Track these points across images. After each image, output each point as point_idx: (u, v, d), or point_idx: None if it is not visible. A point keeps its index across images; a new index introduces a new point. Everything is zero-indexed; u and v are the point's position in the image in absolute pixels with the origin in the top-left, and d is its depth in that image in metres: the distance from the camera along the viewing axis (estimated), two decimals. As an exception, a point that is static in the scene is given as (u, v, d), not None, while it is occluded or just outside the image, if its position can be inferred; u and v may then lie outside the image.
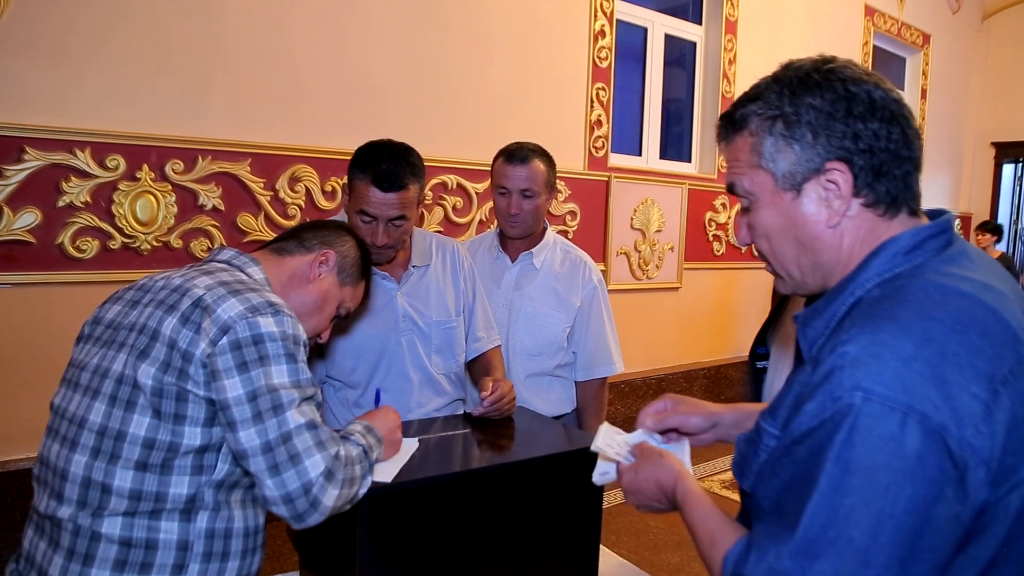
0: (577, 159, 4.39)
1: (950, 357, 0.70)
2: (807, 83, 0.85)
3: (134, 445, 1.07)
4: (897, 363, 0.70)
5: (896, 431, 0.68)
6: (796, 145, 0.84)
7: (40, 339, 2.63)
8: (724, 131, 0.92)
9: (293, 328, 1.13)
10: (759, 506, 0.82)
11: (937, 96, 7.68)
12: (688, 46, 5.30)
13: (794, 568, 0.71)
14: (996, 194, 8.42)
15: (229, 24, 2.99)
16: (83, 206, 2.69)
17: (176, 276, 1.20)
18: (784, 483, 0.76)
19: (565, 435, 1.61)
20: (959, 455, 0.68)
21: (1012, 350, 0.74)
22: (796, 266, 0.90)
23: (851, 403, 0.70)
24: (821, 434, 0.72)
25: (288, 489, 1.05)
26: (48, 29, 2.60)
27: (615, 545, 3.22)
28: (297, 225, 1.44)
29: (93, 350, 1.18)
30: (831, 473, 0.70)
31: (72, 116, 2.66)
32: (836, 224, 0.85)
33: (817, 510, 0.70)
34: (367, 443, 1.19)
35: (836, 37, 6.27)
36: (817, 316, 0.86)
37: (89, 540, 1.07)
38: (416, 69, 3.58)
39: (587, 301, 2.10)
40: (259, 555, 1.21)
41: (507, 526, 1.31)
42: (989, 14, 8.25)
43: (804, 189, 0.85)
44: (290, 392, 1.09)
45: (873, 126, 0.82)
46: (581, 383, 2.16)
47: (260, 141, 3.09)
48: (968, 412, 0.69)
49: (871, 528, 0.68)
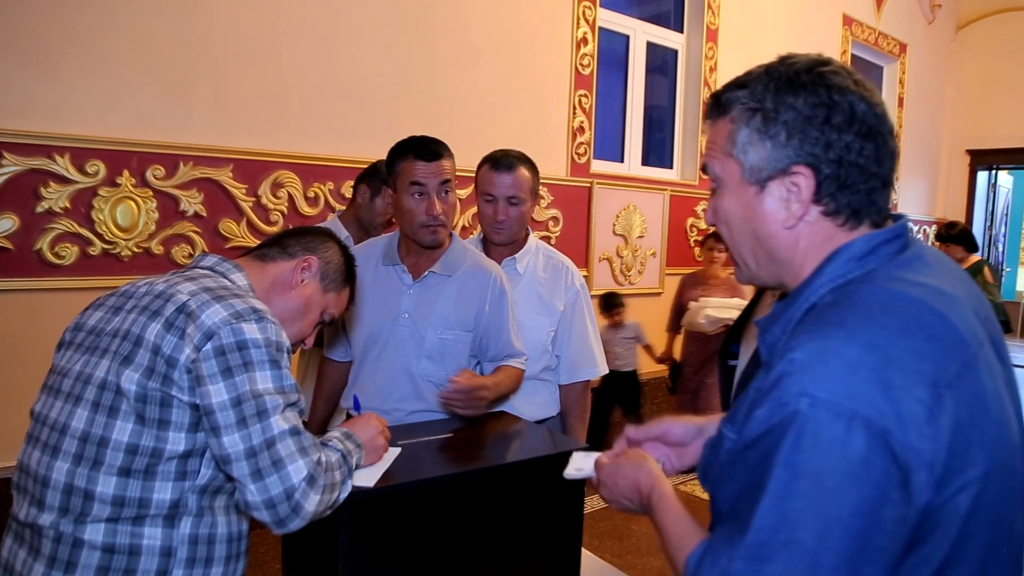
0: (560, 165, 4.41)
1: (895, 362, 0.72)
2: (794, 83, 0.84)
3: (117, 451, 1.06)
4: (843, 369, 0.71)
5: (841, 435, 0.69)
6: (769, 142, 0.85)
7: (19, 347, 2.60)
8: (711, 110, 0.93)
9: (277, 335, 1.14)
10: (718, 509, 0.83)
11: (913, 104, 7.80)
12: (670, 54, 5.35)
13: (745, 571, 0.72)
14: (971, 201, 8.57)
15: (211, 29, 2.98)
16: (62, 212, 2.67)
17: (159, 282, 1.20)
18: (739, 487, 0.78)
19: (547, 439, 1.63)
20: (902, 458, 0.69)
21: (958, 354, 0.75)
22: (752, 256, 0.91)
23: (797, 409, 0.71)
24: (770, 439, 0.73)
25: (271, 494, 1.05)
26: (27, 32, 2.58)
27: (597, 549, 3.23)
28: (280, 232, 1.44)
29: (75, 356, 1.17)
30: (779, 477, 0.71)
31: (51, 121, 2.63)
32: (792, 226, 0.86)
33: (766, 514, 0.71)
34: (345, 448, 1.20)
35: (815, 46, 6.32)
36: (776, 321, 0.88)
37: (71, 547, 1.06)
38: (400, 75, 3.59)
39: (570, 305, 2.12)
40: (243, 561, 1.21)
41: (489, 530, 1.31)
42: (963, 24, 8.41)
43: (768, 186, 0.86)
44: (274, 398, 1.09)
45: (847, 138, 0.82)
46: (564, 386, 2.17)
47: (242, 147, 3.08)
48: (912, 416, 0.70)
49: (819, 531, 0.69)
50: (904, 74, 7.61)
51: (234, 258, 1.32)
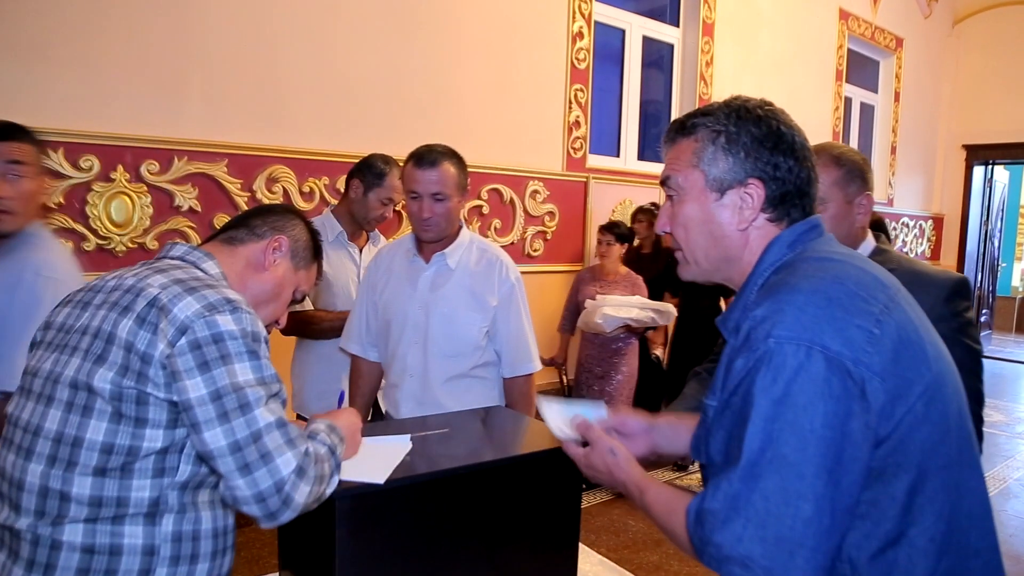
0: (555, 160, 4.41)
1: (834, 301, 0.89)
2: (751, 114, 1.03)
3: (91, 451, 1.04)
4: (795, 311, 0.89)
5: (804, 361, 0.85)
6: (731, 158, 1.03)
7: (12, 342, 2.59)
8: (672, 133, 1.10)
9: (252, 325, 1.11)
10: (713, 464, 0.96)
11: (910, 99, 7.81)
12: (666, 48, 5.34)
13: (743, 489, 0.86)
14: (967, 196, 8.58)
15: (205, 23, 2.97)
16: (56, 207, 2.66)
17: (129, 275, 1.16)
18: (727, 433, 0.92)
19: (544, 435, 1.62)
20: (855, 372, 0.85)
21: (882, 292, 0.94)
22: (704, 256, 1.08)
23: (767, 349, 0.88)
24: (748, 380, 0.89)
25: (260, 488, 1.04)
26: (20, 27, 2.56)
27: (594, 544, 3.24)
28: (244, 212, 1.40)
29: (45, 355, 1.14)
30: (759, 405, 0.87)
31: (45, 116, 2.62)
32: (744, 229, 1.04)
33: (753, 437, 0.86)
34: (332, 441, 1.18)
35: (811, 40, 6.35)
36: (734, 308, 1.04)
37: (50, 549, 1.05)
38: (395, 69, 3.58)
39: (505, 300, 2.08)
40: (229, 556, 1.20)
41: (486, 525, 1.31)
42: (960, 19, 8.42)
43: (726, 194, 1.04)
44: (256, 390, 1.07)
45: (789, 162, 1.02)
46: (508, 380, 2.14)
47: (237, 141, 3.07)
48: (855, 339, 0.87)
49: (798, 444, 0.84)
50: (900, 69, 7.61)
51: (201, 244, 1.29)
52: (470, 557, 1.30)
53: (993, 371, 8.20)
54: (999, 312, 10.22)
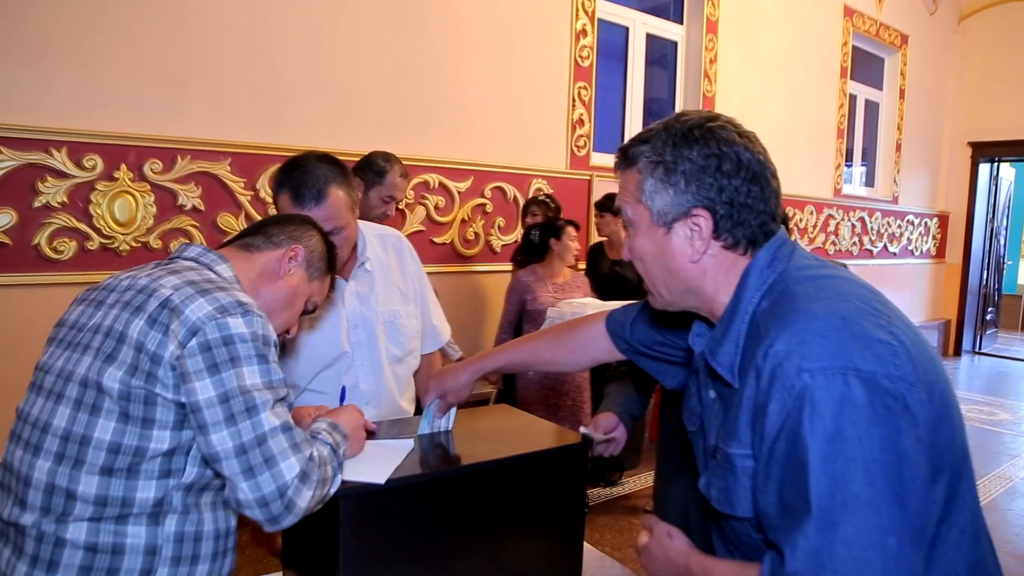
0: (559, 158, 4.40)
1: (849, 320, 0.85)
2: (688, 138, 0.97)
3: (99, 450, 1.05)
4: (819, 339, 0.83)
5: (844, 389, 0.80)
6: (671, 189, 0.97)
7: (16, 342, 2.59)
8: (621, 162, 1.05)
9: (263, 328, 1.12)
10: (768, 516, 0.89)
11: (915, 96, 7.78)
12: (669, 45, 5.32)
13: (823, 541, 0.78)
14: (973, 193, 8.54)
15: (208, 22, 2.97)
16: (60, 206, 2.66)
17: (142, 275, 1.16)
18: (778, 483, 0.85)
19: (548, 434, 1.62)
20: (893, 388, 0.81)
21: (879, 300, 0.91)
22: (665, 288, 1.04)
23: (804, 385, 0.82)
24: (791, 423, 0.82)
25: (263, 492, 1.03)
26: (24, 27, 2.56)
27: (599, 543, 3.23)
28: (261, 220, 1.41)
29: (57, 352, 1.15)
30: (814, 448, 0.80)
31: (48, 115, 2.62)
32: (698, 260, 0.99)
33: (818, 483, 0.79)
34: (334, 440, 1.18)
35: (815, 37, 6.33)
36: (721, 342, 0.98)
37: (53, 546, 1.05)
38: (397, 67, 3.57)
39: (417, 277, 2.00)
40: (230, 557, 1.20)
41: (490, 524, 1.31)
42: (965, 16, 8.37)
43: (674, 227, 0.99)
44: (263, 393, 1.07)
45: (736, 183, 0.96)
46: (426, 356, 2.04)
47: (240, 140, 3.07)
48: (882, 355, 0.82)
49: (866, 478, 0.78)
50: (905, 66, 7.58)
51: (217, 248, 1.30)
52: (474, 556, 1.30)
53: (998, 369, 8.17)
54: (1005, 310, 10.18)
